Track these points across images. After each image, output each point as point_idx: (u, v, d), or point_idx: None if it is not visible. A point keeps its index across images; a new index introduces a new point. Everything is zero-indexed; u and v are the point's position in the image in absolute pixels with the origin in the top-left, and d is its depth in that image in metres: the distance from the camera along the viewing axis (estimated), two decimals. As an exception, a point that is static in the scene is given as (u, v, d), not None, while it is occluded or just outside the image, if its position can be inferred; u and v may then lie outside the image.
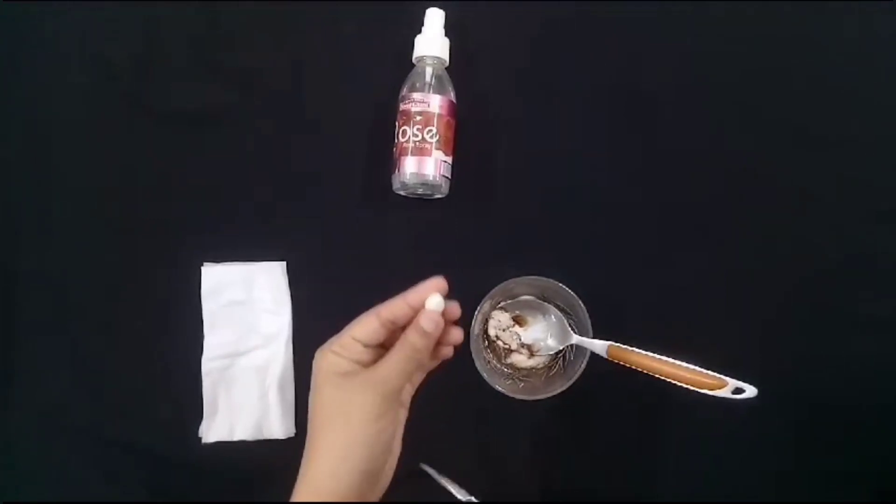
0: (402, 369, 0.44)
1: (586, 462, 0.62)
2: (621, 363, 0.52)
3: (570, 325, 0.57)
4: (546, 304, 0.59)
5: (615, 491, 0.61)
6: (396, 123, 0.60)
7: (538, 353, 0.59)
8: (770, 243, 0.63)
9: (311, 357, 0.61)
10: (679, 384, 0.51)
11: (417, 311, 0.45)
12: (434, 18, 0.60)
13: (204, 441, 0.60)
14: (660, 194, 0.63)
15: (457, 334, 0.47)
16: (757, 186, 0.63)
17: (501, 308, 0.59)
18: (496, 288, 0.56)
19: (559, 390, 0.55)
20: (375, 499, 0.45)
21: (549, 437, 0.62)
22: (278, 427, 0.60)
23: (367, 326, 0.45)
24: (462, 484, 0.59)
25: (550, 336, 0.58)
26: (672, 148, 0.64)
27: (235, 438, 0.60)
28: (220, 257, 0.62)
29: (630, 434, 0.62)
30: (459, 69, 0.62)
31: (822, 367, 0.62)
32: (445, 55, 0.61)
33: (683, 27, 0.64)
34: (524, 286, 0.58)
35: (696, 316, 0.62)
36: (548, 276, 0.56)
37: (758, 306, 0.62)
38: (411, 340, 0.44)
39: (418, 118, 0.58)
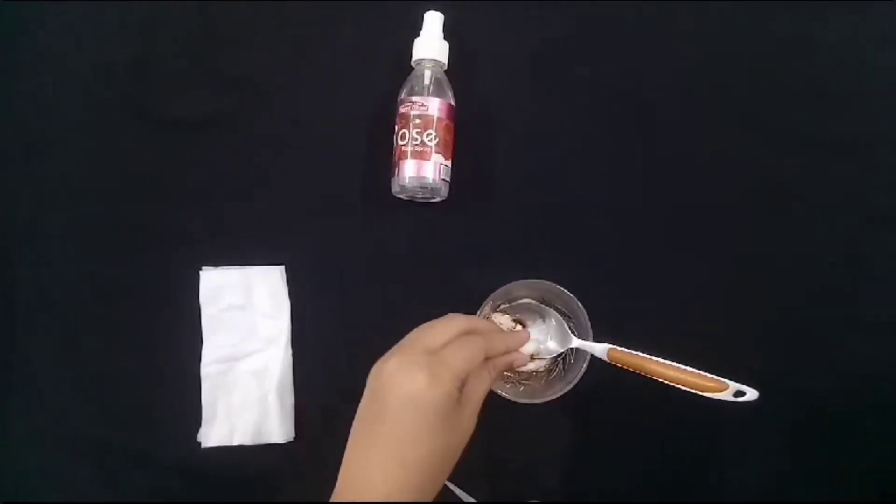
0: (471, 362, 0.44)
1: (586, 465, 0.62)
2: (622, 366, 0.52)
3: (570, 328, 0.57)
4: (546, 307, 0.58)
5: (615, 494, 0.61)
6: (395, 127, 0.60)
7: (538, 357, 0.58)
8: (770, 245, 0.63)
9: (309, 360, 0.62)
10: (680, 387, 0.50)
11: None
12: (433, 21, 0.60)
13: (203, 445, 0.60)
14: (660, 197, 0.63)
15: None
16: (756, 188, 0.63)
17: (501, 311, 0.59)
18: (496, 291, 0.55)
19: (559, 393, 0.54)
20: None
21: (550, 440, 0.62)
22: (277, 431, 0.60)
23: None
24: (462, 486, 0.59)
25: (551, 339, 0.58)
26: (672, 150, 0.64)
27: (234, 443, 0.60)
28: (218, 261, 0.62)
29: (630, 437, 0.62)
30: (458, 72, 0.62)
31: (822, 368, 0.62)
32: (444, 58, 0.60)
33: (684, 30, 0.64)
34: (524, 289, 0.58)
35: (697, 319, 0.62)
36: (548, 280, 0.56)
37: (758, 308, 0.62)
38: (508, 360, 0.50)
39: (417, 121, 0.58)
